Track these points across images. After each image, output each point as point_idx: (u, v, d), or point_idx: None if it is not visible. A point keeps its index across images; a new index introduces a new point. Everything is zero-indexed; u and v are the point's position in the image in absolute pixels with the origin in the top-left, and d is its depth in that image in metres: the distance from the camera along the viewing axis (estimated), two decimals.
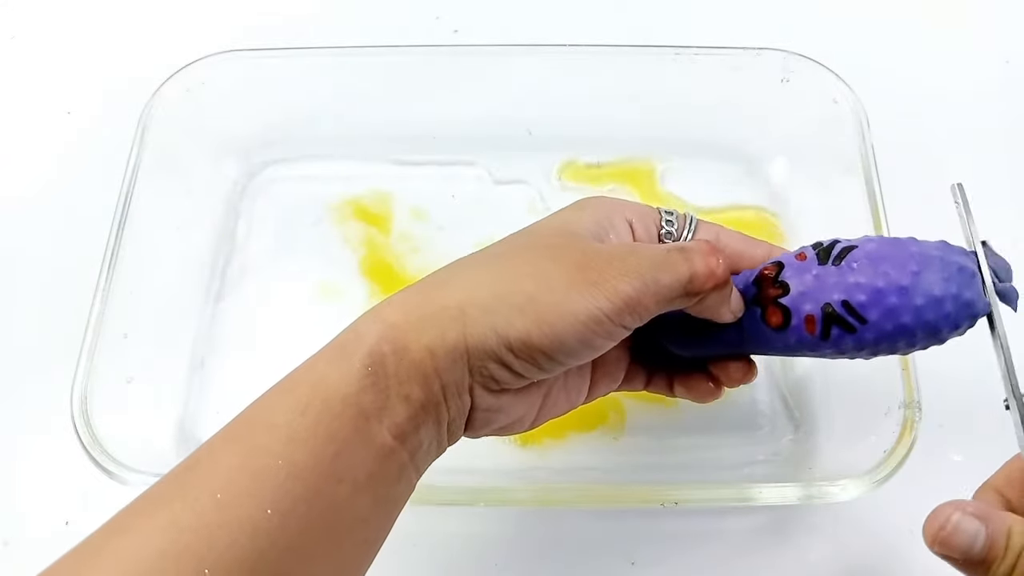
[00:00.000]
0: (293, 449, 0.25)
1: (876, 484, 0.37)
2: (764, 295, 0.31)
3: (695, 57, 0.49)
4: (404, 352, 0.27)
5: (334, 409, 0.26)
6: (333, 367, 0.27)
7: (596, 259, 0.29)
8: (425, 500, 0.39)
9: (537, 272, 0.29)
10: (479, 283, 0.29)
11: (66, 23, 0.61)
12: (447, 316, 0.28)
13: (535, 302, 0.28)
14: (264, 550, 0.24)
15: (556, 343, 0.28)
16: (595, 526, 0.42)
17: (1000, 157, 0.53)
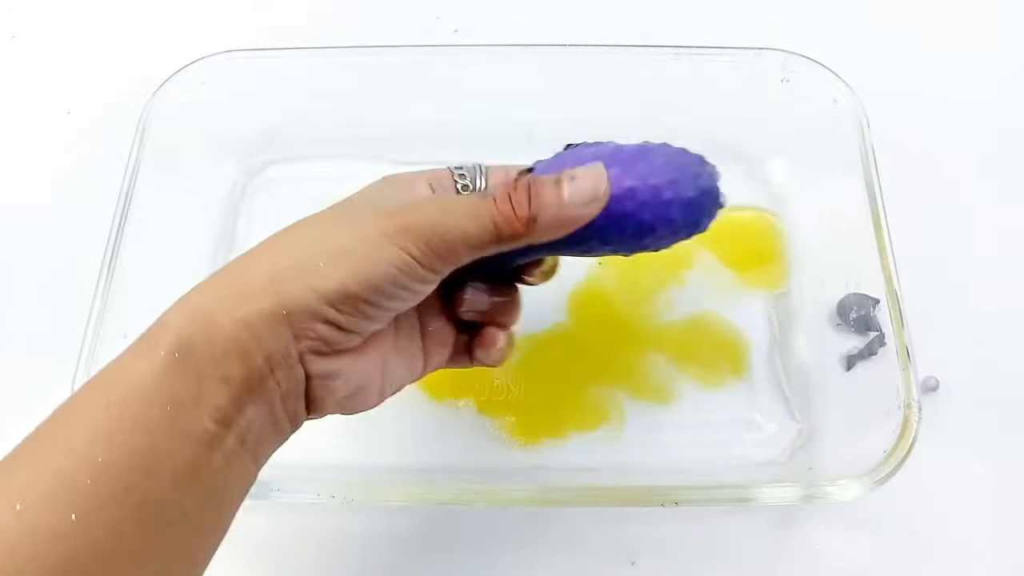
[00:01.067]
0: (96, 448, 0.24)
1: (876, 484, 0.37)
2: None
3: (695, 57, 0.49)
4: (215, 331, 0.26)
5: (140, 402, 0.25)
6: (139, 359, 0.26)
7: (408, 210, 0.29)
8: (425, 500, 0.39)
9: (351, 224, 0.29)
10: (287, 250, 0.29)
11: (66, 23, 0.61)
12: (258, 287, 0.27)
13: (350, 252, 0.28)
14: (73, 555, 0.23)
15: (372, 288, 0.28)
16: (595, 526, 0.42)
17: (1000, 157, 0.53)
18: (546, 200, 0.29)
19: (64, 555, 0.23)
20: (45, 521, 0.23)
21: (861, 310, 0.44)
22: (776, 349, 0.46)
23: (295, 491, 0.38)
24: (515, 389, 0.45)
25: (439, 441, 0.44)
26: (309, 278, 0.27)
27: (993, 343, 0.47)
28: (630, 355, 0.46)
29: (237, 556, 0.42)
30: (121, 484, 0.24)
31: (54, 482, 0.23)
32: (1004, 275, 0.49)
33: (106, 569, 0.23)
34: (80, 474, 0.23)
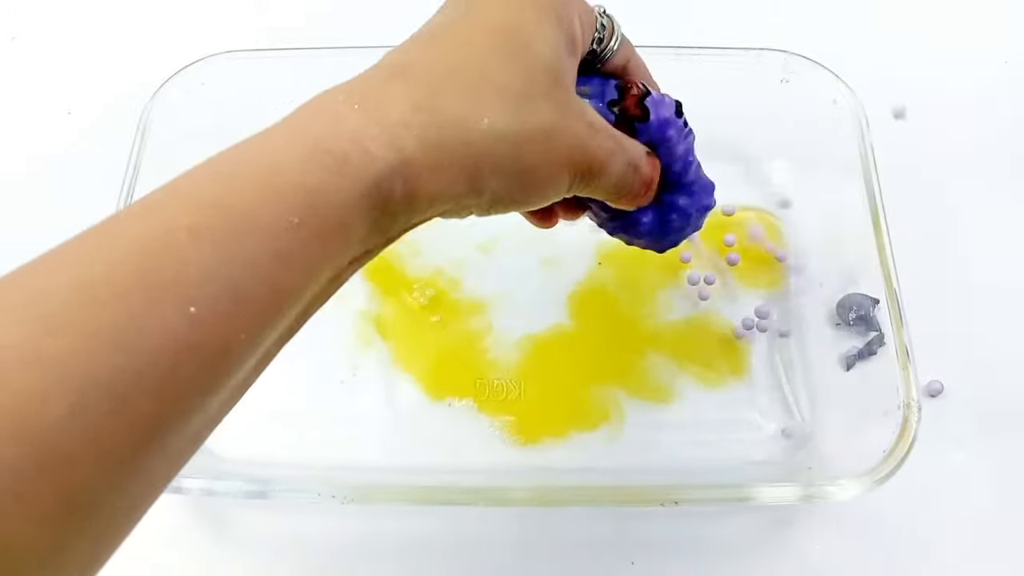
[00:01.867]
0: (278, 270, 0.22)
1: (876, 484, 0.37)
2: (627, 104, 0.33)
3: (695, 57, 0.49)
4: (411, 201, 0.25)
5: (324, 233, 0.23)
6: (331, 182, 0.23)
7: (593, 138, 0.29)
8: (425, 500, 0.39)
9: (549, 124, 0.28)
10: (499, 129, 0.26)
11: (67, 24, 0.61)
12: (462, 167, 0.26)
13: (534, 173, 0.28)
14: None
15: (530, 199, 0.29)
16: (595, 526, 0.42)
17: (1000, 157, 0.53)
18: (644, 196, 0.33)
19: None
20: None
21: (861, 310, 0.44)
22: (776, 349, 0.46)
23: (295, 491, 0.39)
24: (515, 389, 0.45)
25: (439, 441, 0.44)
26: (508, 189, 0.27)
27: (993, 343, 0.47)
28: (630, 355, 0.46)
29: (237, 556, 0.42)
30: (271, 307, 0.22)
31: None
32: (1004, 275, 0.49)
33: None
34: (259, 287, 0.21)
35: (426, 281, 0.48)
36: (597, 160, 0.29)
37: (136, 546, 0.43)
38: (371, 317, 0.47)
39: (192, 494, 0.39)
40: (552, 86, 0.28)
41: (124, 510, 0.22)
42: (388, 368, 0.46)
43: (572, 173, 0.29)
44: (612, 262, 0.49)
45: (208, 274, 0.20)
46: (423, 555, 0.42)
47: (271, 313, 0.22)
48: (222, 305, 0.21)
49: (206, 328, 0.20)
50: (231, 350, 0.21)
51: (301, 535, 0.42)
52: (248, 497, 0.39)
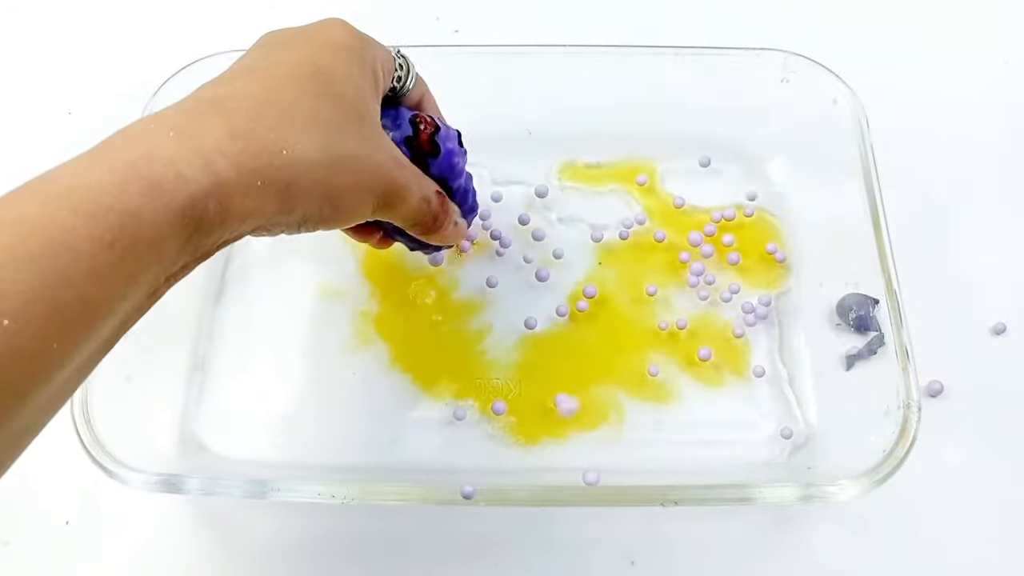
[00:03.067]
0: (92, 287, 0.23)
1: (876, 484, 0.37)
2: (421, 140, 0.37)
3: (695, 57, 0.49)
4: (224, 220, 0.26)
5: (137, 252, 0.24)
6: (147, 204, 0.24)
7: (395, 172, 0.33)
8: (425, 499, 0.39)
9: (349, 129, 0.31)
10: (311, 156, 0.29)
11: (66, 23, 0.61)
12: (274, 190, 0.28)
13: (345, 199, 0.31)
14: None
15: (338, 220, 0.31)
16: (595, 526, 0.42)
17: (1000, 157, 0.53)
18: (444, 230, 0.38)
19: None
20: None
21: (861, 310, 0.45)
22: (776, 349, 0.46)
23: (295, 491, 0.38)
24: (515, 389, 0.45)
25: (439, 441, 0.44)
26: (314, 209, 0.30)
27: (993, 343, 0.47)
28: (630, 355, 0.46)
29: (237, 556, 0.42)
30: (95, 318, 0.24)
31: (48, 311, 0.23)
32: (1004, 275, 0.49)
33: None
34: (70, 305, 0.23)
35: (426, 281, 0.48)
36: (398, 190, 0.33)
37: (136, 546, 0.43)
38: (371, 317, 0.47)
39: (192, 494, 0.39)
40: (358, 121, 0.31)
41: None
42: (388, 368, 0.46)
43: (376, 199, 0.32)
44: (612, 262, 0.49)
45: (24, 290, 0.22)
46: (423, 555, 0.42)
47: (85, 326, 0.24)
48: (37, 318, 0.22)
49: (20, 339, 0.22)
50: (45, 360, 0.23)
51: (301, 535, 0.42)
52: (248, 497, 0.39)
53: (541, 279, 0.48)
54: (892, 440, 0.38)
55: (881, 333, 0.43)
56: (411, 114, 0.37)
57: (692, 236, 0.49)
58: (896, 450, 0.37)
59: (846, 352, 0.45)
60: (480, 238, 0.49)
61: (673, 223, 0.50)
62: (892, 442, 0.38)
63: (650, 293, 0.47)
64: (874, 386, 0.41)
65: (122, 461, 0.38)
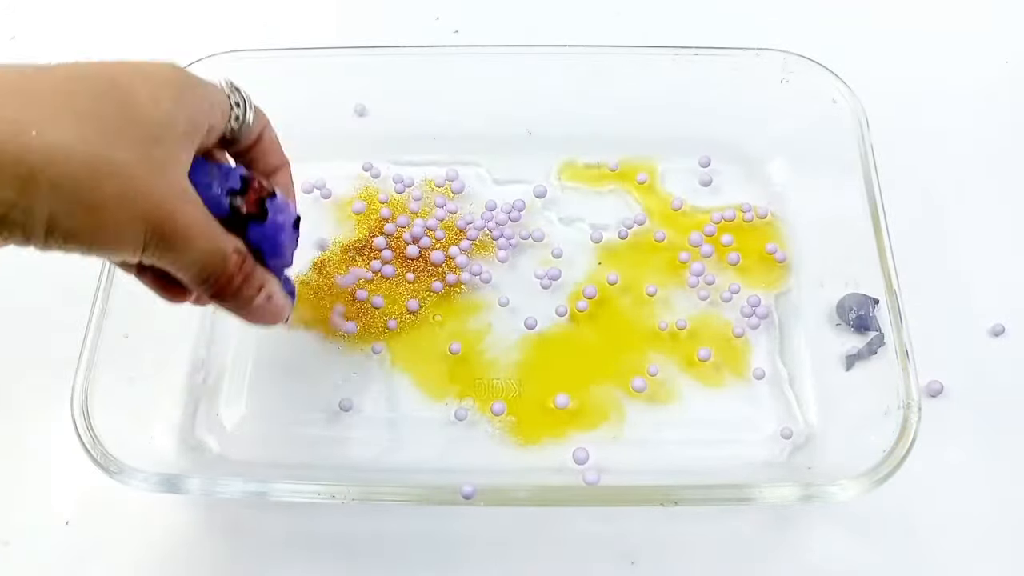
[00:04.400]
0: None
1: (876, 484, 0.37)
2: (247, 199, 0.32)
3: (695, 57, 0.49)
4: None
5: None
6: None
7: (180, 210, 0.28)
8: (425, 499, 0.39)
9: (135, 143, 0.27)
10: (69, 145, 0.25)
11: (66, 23, 0.61)
12: (12, 175, 0.24)
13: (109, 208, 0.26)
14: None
15: (95, 238, 0.27)
16: (595, 526, 0.42)
17: (1000, 157, 0.53)
18: (249, 302, 0.33)
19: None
20: None
21: (861, 310, 0.45)
22: (776, 349, 0.46)
23: (295, 491, 0.39)
24: (515, 389, 0.45)
25: (439, 441, 0.44)
26: (66, 223, 0.26)
27: (993, 343, 0.47)
28: (630, 355, 0.46)
29: (237, 556, 0.42)
30: None
31: None
32: (1004, 275, 0.49)
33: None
34: None
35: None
36: (179, 227, 0.28)
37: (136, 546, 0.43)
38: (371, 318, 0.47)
39: (192, 494, 0.39)
40: (148, 140, 0.27)
41: None
42: (388, 368, 0.46)
43: (148, 231, 0.27)
44: (612, 262, 0.49)
45: None
46: (423, 555, 0.42)
47: None
48: None
49: None
50: None
51: (301, 535, 0.42)
52: (248, 497, 0.39)
53: (552, 277, 0.48)
54: (892, 440, 0.38)
55: (881, 333, 0.43)
56: (245, 172, 0.33)
57: (692, 236, 0.49)
58: (896, 450, 0.37)
59: (846, 352, 0.45)
60: (480, 238, 0.49)
61: (673, 223, 0.50)
62: (892, 442, 0.38)
63: (650, 293, 0.47)
64: (874, 386, 0.41)
65: (122, 461, 0.38)
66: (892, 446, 0.37)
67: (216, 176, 0.31)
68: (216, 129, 0.31)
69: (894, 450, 0.37)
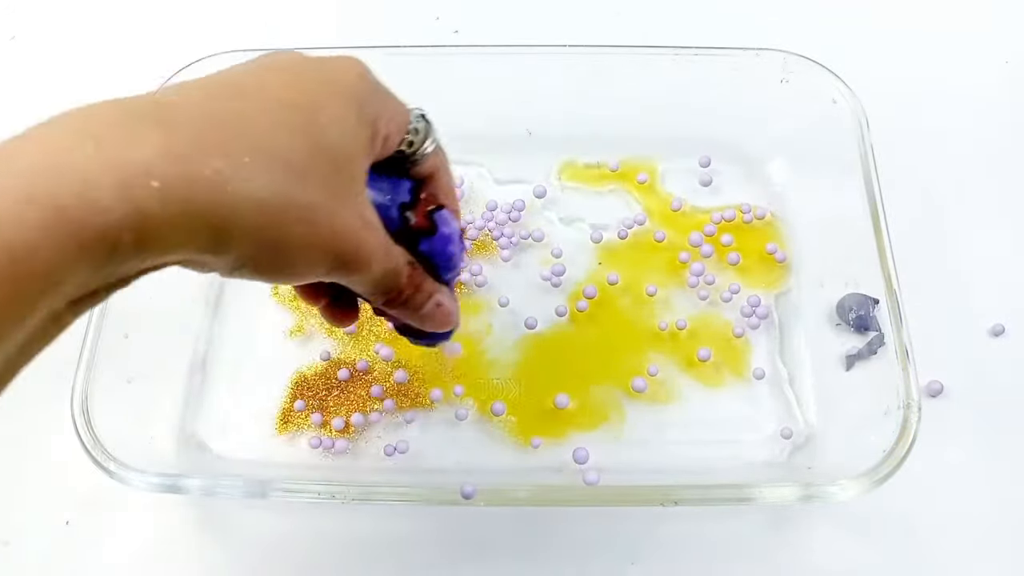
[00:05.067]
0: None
1: (876, 484, 0.37)
2: (417, 211, 0.32)
3: (695, 57, 0.49)
4: (140, 251, 0.23)
5: (34, 285, 0.21)
6: (46, 236, 0.21)
7: (363, 235, 0.28)
8: (425, 499, 0.39)
9: (325, 177, 0.27)
10: (260, 196, 0.24)
11: (66, 23, 0.61)
12: (206, 226, 0.24)
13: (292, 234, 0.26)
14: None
15: (280, 274, 0.27)
16: (595, 526, 0.42)
17: (1000, 157, 0.53)
18: (419, 309, 0.33)
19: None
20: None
21: (861, 310, 0.45)
22: (776, 349, 0.46)
23: (295, 491, 0.39)
24: (515, 389, 0.45)
25: (439, 441, 0.44)
26: (252, 252, 0.25)
27: (993, 343, 0.47)
28: (630, 355, 0.46)
29: (237, 556, 0.42)
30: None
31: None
32: (1004, 275, 0.49)
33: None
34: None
35: None
36: (362, 254, 0.28)
37: (136, 546, 0.43)
38: (371, 317, 0.47)
39: (192, 494, 0.39)
40: (333, 171, 0.27)
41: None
42: (388, 368, 0.46)
43: (332, 259, 0.28)
44: (612, 262, 0.49)
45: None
46: (423, 555, 0.42)
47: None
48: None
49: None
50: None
51: (301, 535, 0.42)
52: (248, 497, 0.39)
53: (558, 274, 0.48)
54: (892, 440, 0.38)
55: (881, 333, 0.43)
56: (414, 183, 0.33)
57: (692, 236, 0.49)
58: (896, 450, 0.37)
59: (846, 352, 0.45)
60: (481, 238, 0.50)
61: (673, 223, 0.50)
62: (892, 442, 0.38)
63: (650, 293, 0.47)
64: (874, 386, 0.41)
65: (122, 461, 0.38)
66: (892, 446, 0.37)
67: (386, 189, 0.31)
68: (391, 142, 0.31)
69: (894, 450, 0.37)
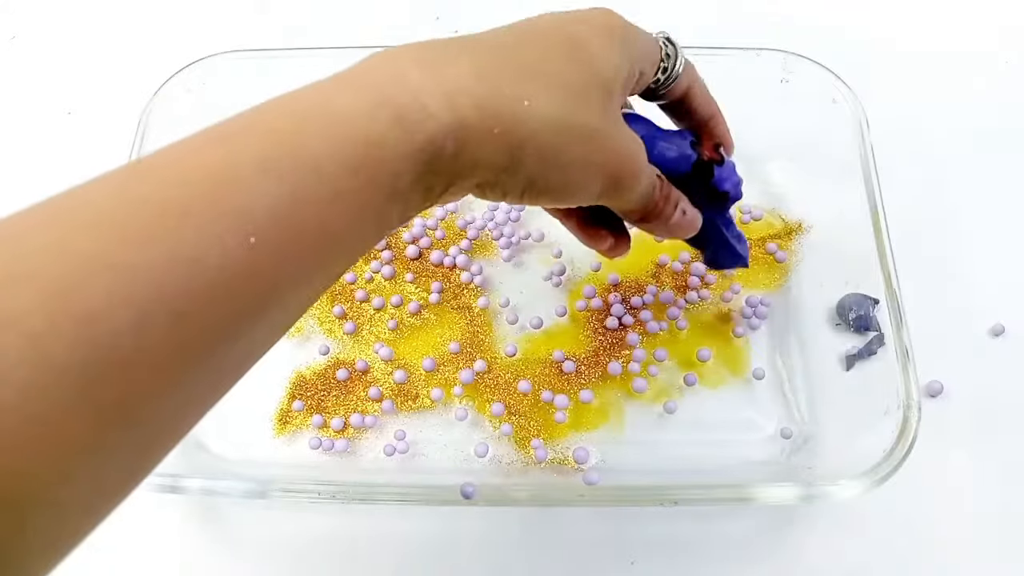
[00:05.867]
0: (333, 212, 0.23)
1: (876, 484, 0.37)
2: (707, 145, 0.37)
3: (695, 57, 0.49)
4: (455, 163, 0.26)
5: (378, 182, 0.24)
6: (391, 134, 0.24)
7: (629, 158, 0.31)
8: (425, 499, 0.39)
9: (595, 111, 0.29)
10: (550, 115, 0.27)
11: (66, 23, 0.61)
12: (507, 143, 0.27)
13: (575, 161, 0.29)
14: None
15: (562, 192, 0.30)
16: (595, 526, 0.42)
17: (1000, 157, 0.53)
18: (669, 219, 0.34)
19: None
20: None
21: (860, 310, 0.45)
22: (776, 349, 0.46)
23: (295, 491, 0.39)
24: (515, 389, 0.45)
25: (439, 441, 0.44)
26: (553, 178, 0.28)
27: (993, 343, 0.47)
28: (630, 355, 0.46)
29: (237, 556, 0.42)
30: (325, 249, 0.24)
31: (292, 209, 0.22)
32: (1003, 275, 0.49)
33: None
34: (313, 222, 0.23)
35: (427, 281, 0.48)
36: (631, 173, 0.31)
37: (137, 546, 0.43)
38: (372, 318, 0.47)
39: (192, 494, 0.39)
40: (604, 96, 0.29)
41: (167, 426, 0.24)
42: (389, 368, 0.46)
43: (605, 178, 0.30)
44: (612, 262, 0.49)
45: (271, 207, 0.22)
46: (423, 555, 0.42)
47: (320, 251, 0.24)
48: (279, 238, 0.22)
49: (262, 257, 0.22)
50: (281, 281, 0.23)
51: (301, 535, 0.42)
52: (248, 497, 0.39)
53: (559, 273, 0.48)
54: (892, 440, 0.38)
55: (881, 333, 0.43)
56: (690, 130, 0.36)
57: None
58: (896, 450, 0.37)
59: (846, 352, 0.45)
60: (480, 238, 0.50)
61: None
62: (892, 442, 0.38)
63: (650, 293, 0.47)
64: (874, 386, 0.41)
65: None
66: (892, 446, 0.37)
67: (671, 138, 0.35)
68: (647, 76, 0.33)
69: (894, 450, 0.37)
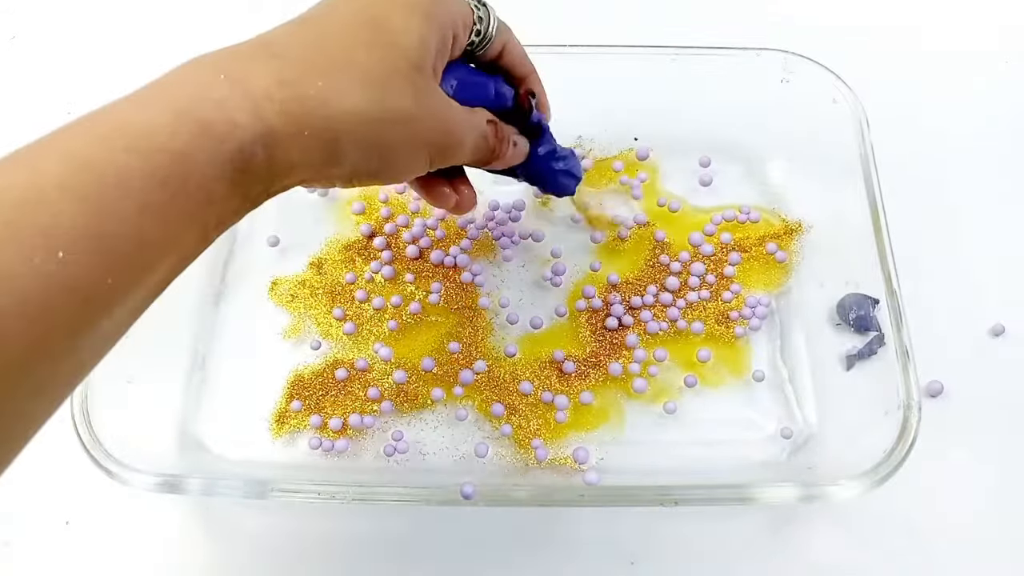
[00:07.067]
0: (145, 223, 0.24)
1: (876, 484, 0.37)
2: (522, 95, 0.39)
3: (695, 57, 0.49)
4: (270, 167, 0.27)
5: (188, 192, 0.25)
6: (197, 145, 0.25)
7: (444, 126, 0.32)
8: (425, 499, 0.39)
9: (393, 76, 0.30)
10: (360, 108, 0.28)
11: (66, 23, 0.61)
12: (321, 141, 0.28)
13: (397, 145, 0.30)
14: None
15: (390, 174, 0.32)
16: (595, 526, 0.42)
17: (1000, 157, 0.53)
18: (505, 155, 0.37)
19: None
20: None
21: (861, 310, 0.45)
22: (776, 349, 0.46)
23: (295, 491, 0.39)
24: (515, 389, 0.45)
25: (439, 441, 0.44)
26: (362, 163, 0.30)
27: (993, 343, 0.47)
28: (630, 355, 0.46)
29: (237, 556, 0.42)
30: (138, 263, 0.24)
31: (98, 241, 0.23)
32: (1004, 275, 0.49)
33: None
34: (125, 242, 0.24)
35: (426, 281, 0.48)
36: (456, 140, 0.33)
37: (136, 546, 0.43)
38: (371, 318, 0.47)
39: (192, 494, 0.39)
40: (411, 73, 0.30)
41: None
42: (388, 368, 0.46)
43: (431, 152, 0.32)
44: (612, 262, 0.49)
45: (75, 224, 0.22)
46: (423, 555, 0.42)
47: (138, 264, 0.24)
48: (90, 253, 0.23)
49: (74, 271, 0.22)
50: (98, 294, 0.23)
51: (301, 535, 0.42)
52: (247, 497, 0.39)
53: (559, 273, 0.48)
54: (892, 440, 0.38)
55: (881, 333, 0.43)
56: (500, 76, 0.38)
57: (692, 236, 0.49)
58: (896, 450, 0.37)
59: (846, 352, 0.45)
60: (481, 238, 0.49)
61: (673, 223, 0.50)
62: (892, 442, 0.38)
63: (650, 293, 0.47)
64: (874, 386, 0.41)
65: (122, 461, 0.38)
66: (892, 446, 0.38)
67: (483, 84, 0.36)
68: (460, 40, 0.34)
69: (894, 450, 0.37)
